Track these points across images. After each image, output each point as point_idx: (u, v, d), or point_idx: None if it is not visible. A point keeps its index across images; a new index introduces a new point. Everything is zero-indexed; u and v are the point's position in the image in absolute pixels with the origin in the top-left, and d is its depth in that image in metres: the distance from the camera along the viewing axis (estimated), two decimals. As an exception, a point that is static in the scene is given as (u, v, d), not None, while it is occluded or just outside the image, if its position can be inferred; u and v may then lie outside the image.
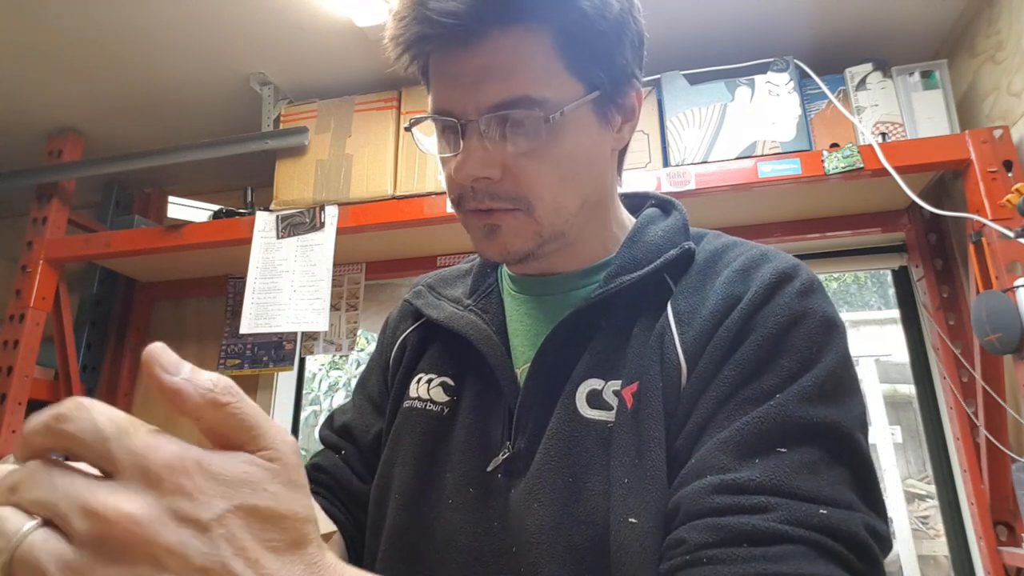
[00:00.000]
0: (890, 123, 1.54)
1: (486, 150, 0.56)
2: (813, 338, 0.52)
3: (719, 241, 0.63)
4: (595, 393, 0.57)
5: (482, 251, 0.62)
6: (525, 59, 0.55)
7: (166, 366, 0.28)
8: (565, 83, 0.57)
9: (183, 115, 1.97)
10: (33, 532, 0.25)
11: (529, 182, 0.57)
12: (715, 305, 0.54)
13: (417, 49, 0.57)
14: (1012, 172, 1.37)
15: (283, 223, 1.76)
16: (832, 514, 0.44)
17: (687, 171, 1.54)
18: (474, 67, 0.55)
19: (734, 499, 0.45)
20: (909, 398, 4.18)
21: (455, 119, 0.57)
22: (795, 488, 0.45)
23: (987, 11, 1.52)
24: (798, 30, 1.65)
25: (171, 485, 0.26)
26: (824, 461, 0.47)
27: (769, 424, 0.48)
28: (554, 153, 0.57)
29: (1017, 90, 1.42)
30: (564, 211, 0.60)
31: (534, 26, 0.55)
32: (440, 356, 0.68)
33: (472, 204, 0.59)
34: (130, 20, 1.58)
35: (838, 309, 0.56)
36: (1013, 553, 1.41)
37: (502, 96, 0.55)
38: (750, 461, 0.47)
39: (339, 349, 1.98)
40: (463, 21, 0.53)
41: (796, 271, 0.56)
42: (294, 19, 1.60)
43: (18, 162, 2.02)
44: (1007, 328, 1.25)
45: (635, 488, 0.50)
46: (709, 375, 0.52)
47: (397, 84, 1.81)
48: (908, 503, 3.84)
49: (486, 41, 0.55)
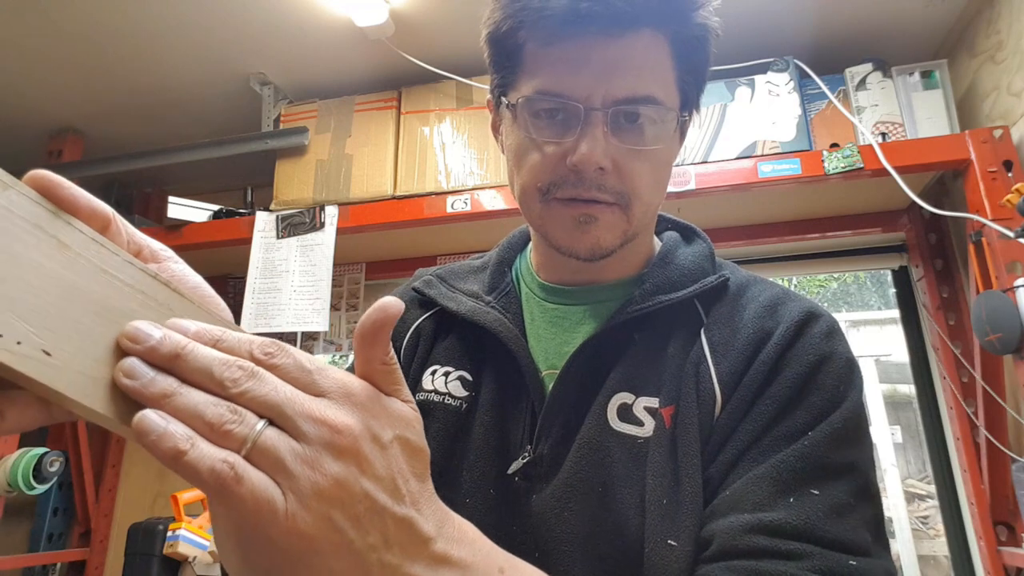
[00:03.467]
0: (890, 123, 1.54)
1: (608, 140, 0.57)
2: (840, 378, 0.55)
3: (741, 274, 0.65)
4: (625, 407, 0.58)
5: (569, 244, 0.60)
6: (655, 61, 0.57)
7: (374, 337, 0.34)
8: (674, 93, 0.59)
9: (183, 115, 1.97)
10: (267, 428, 0.30)
11: (634, 180, 0.58)
12: (747, 338, 0.57)
13: (560, 28, 0.55)
14: (1012, 172, 1.37)
15: (283, 223, 1.76)
16: (860, 565, 0.48)
17: (687, 171, 1.54)
18: (608, 58, 0.56)
19: (771, 542, 0.48)
20: (909, 398, 4.18)
21: (579, 104, 0.57)
22: (826, 533, 0.48)
23: (987, 11, 1.52)
24: (798, 30, 1.65)
25: (366, 410, 0.32)
26: (849, 504, 0.51)
27: (803, 463, 0.51)
28: (659, 156, 0.59)
29: (1017, 90, 1.42)
30: (649, 214, 0.62)
31: (662, 31, 0.57)
32: (455, 349, 0.67)
33: (571, 191, 0.58)
34: (130, 20, 1.58)
35: (838, 310, 0.57)
36: (1013, 553, 1.41)
37: (634, 92, 0.56)
38: (785, 500, 0.50)
39: (339, 349, 1.98)
40: (633, 9, 0.54)
41: (819, 312, 0.59)
42: (294, 19, 1.60)
43: (18, 162, 2.02)
44: (1007, 328, 1.25)
45: (673, 511, 0.52)
46: (744, 408, 0.54)
47: (397, 84, 1.81)
48: (908, 503, 3.84)
49: (626, 35, 0.55)
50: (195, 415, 0.30)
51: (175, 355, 0.31)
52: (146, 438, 0.29)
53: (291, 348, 0.33)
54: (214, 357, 0.32)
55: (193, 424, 0.30)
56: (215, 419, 0.30)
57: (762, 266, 1.92)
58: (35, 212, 0.32)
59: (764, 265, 1.92)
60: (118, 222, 0.38)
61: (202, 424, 0.30)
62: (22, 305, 0.30)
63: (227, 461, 0.29)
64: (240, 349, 0.33)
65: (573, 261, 0.61)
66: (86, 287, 0.32)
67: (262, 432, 0.30)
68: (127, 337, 0.31)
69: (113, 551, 2.04)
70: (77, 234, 0.34)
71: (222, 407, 0.30)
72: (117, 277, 0.34)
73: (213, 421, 0.30)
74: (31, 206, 0.32)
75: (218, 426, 0.30)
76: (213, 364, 0.31)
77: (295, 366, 0.32)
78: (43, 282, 0.31)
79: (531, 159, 0.60)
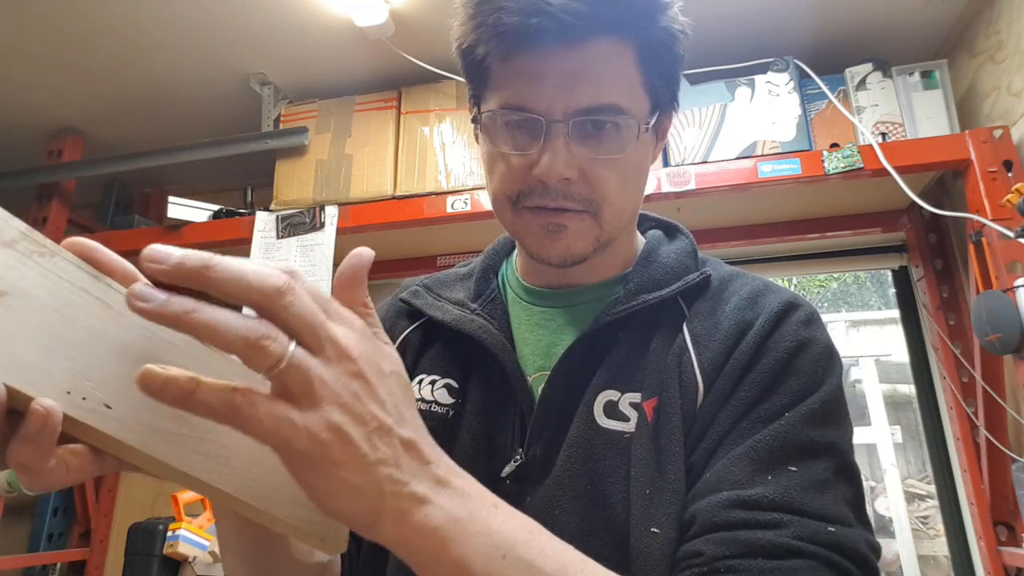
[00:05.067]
0: (890, 123, 1.54)
1: (570, 151, 0.57)
2: (818, 363, 0.56)
3: (723, 270, 0.66)
4: (612, 404, 0.58)
5: (540, 251, 0.61)
6: (615, 68, 0.57)
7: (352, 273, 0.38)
8: (641, 97, 0.60)
9: (183, 115, 1.97)
10: (293, 347, 0.32)
11: (601, 187, 0.59)
12: (728, 329, 0.58)
13: (515, 42, 0.56)
14: (1012, 172, 1.38)
15: (283, 223, 1.76)
16: (839, 532, 0.48)
17: (687, 171, 1.54)
18: (566, 69, 0.56)
19: (749, 514, 0.48)
20: (909, 398, 4.18)
21: (540, 117, 0.57)
22: (804, 506, 0.49)
23: (987, 11, 1.52)
24: (798, 30, 1.65)
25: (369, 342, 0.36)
26: (828, 480, 0.51)
27: (780, 442, 0.52)
28: (627, 162, 0.60)
29: (1017, 90, 1.42)
30: (623, 219, 0.62)
31: (625, 38, 0.57)
32: (442, 357, 0.67)
33: (539, 201, 0.59)
34: (130, 20, 1.58)
35: (838, 310, 0.58)
36: (1013, 553, 1.41)
37: (595, 101, 0.56)
38: (763, 477, 0.50)
39: (339, 349, 1.98)
40: (582, 21, 0.54)
41: (798, 302, 0.60)
42: (294, 19, 1.60)
43: (18, 162, 2.02)
44: (1007, 328, 1.25)
45: (656, 499, 0.53)
46: (725, 395, 0.55)
47: (397, 84, 1.81)
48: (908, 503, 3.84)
49: (585, 45, 0.56)
50: (227, 329, 0.30)
51: (204, 266, 0.30)
52: (149, 384, 0.30)
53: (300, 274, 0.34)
54: (248, 267, 0.31)
55: (224, 338, 0.30)
56: (252, 334, 0.31)
57: (762, 266, 1.92)
58: (79, 276, 0.35)
59: (764, 265, 1.92)
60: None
61: (236, 338, 0.30)
62: (82, 364, 0.33)
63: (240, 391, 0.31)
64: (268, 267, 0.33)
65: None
66: (132, 343, 0.36)
67: (293, 353, 0.32)
68: (147, 259, 0.30)
69: (113, 551, 2.04)
70: (117, 295, 0.36)
71: (257, 322, 0.31)
72: (156, 333, 0.37)
73: (249, 336, 0.30)
74: (75, 271, 0.35)
75: (254, 340, 0.30)
76: (249, 274, 0.31)
77: (312, 291, 0.34)
78: (96, 341, 0.34)
79: (500, 169, 0.61)
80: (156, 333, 0.37)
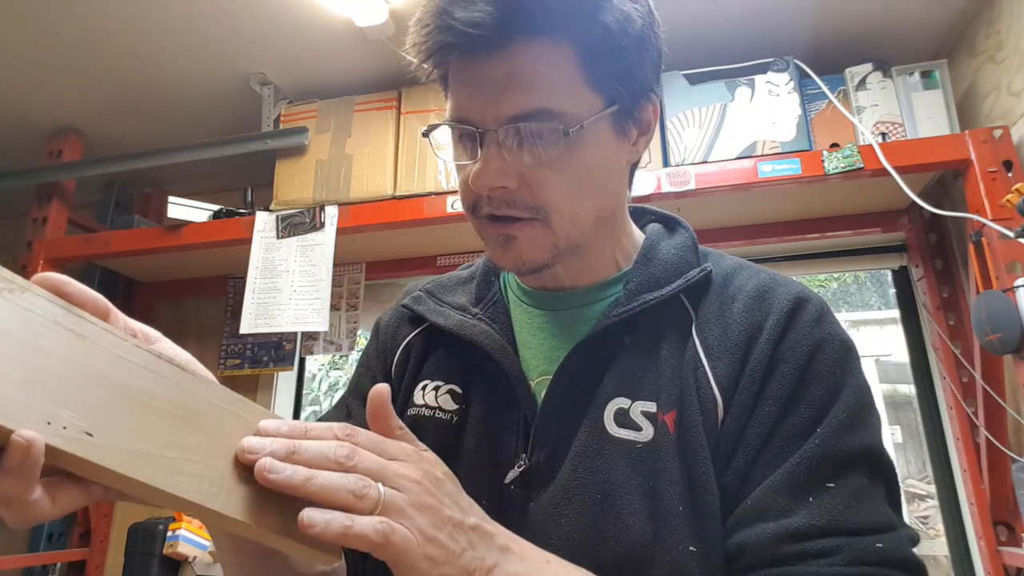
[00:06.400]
0: (890, 123, 1.54)
1: (504, 160, 0.56)
2: (836, 363, 0.56)
3: (726, 263, 0.65)
4: (622, 412, 0.57)
5: (497, 260, 0.62)
6: (546, 71, 0.56)
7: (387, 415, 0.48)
8: (585, 96, 0.57)
9: (183, 115, 1.97)
10: (382, 488, 0.42)
11: (545, 193, 0.57)
12: (739, 336, 0.58)
13: (439, 58, 0.57)
14: (1012, 172, 1.37)
15: (283, 223, 1.76)
16: (886, 545, 0.50)
17: (687, 171, 1.54)
18: (494, 77, 0.55)
19: (799, 546, 0.49)
20: (909, 398, 4.18)
21: (474, 127, 0.57)
22: (850, 524, 0.50)
23: (987, 11, 1.52)
24: (798, 30, 1.65)
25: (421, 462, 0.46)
26: (865, 485, 0.52)
27: (817, 462, 0.52)
28: (572, 165, 0.58)
29: (1017, 90, 1.42)
30: (580, 223, 0.60)
31: (557, 39, 0.55)
32: (445, 363, 0.67)
33: (487, 209, 0.59)
34: (130, 20, 1.58)
35: (838, 310, 0.57)
36: (1013, 553, 1.41)
37: (522, 107, 0.55)
38: (804, 500, 0.51)
39: (339, 349, 1.98)
40: (487, 32, 0.53)
41: (806, 295, 0.59)
42: (294, 19, 1.60)
43: (18, 162, 2.02)
44: (1007, 328, 1.25)
45: (692, 517, 0.53)
46: (747, 411, 0.55)
47: (397, 84, 1.81)
48: (908, 503, 3.84)
49: (509, 52, 0.55)
50: (339, 487, 0.40)
51: (291, 452, 0.41)
52: (313, 529, 0.38)
53: (358, 428, 0.45)
54: (323, 444, 0.42)
55: (340, 496, 0.40)
56: (356, 488, 0.40)
57: (762, 266, 1.92)
58: (52, 310, 0.36)
59: (764, 265, 1.91)
60: (115, 311, 0.43)
61: (346, 493, 0.40)
62: (59, 394, 0.34)
63: (382, 522, 0.40)
64: (325, 434, 0.43)
65: None
66: (108, 372, 0.37)
67: (385, 492, 0.41)
68: (247, 451, 0.41)
69: (113, 551, 2.04)
70: (90, 326, 0.38)
71: (353, 478, 0.41)
72: (130, 360, 0.38)
73: (355, 489, 0.40)
74: (48, 304, 0.36)
75: (359, 492, 0.40)
76: (325, 449, 0.42)
77: (369, 440, 0.45)
78: (72, 371, 0.35)
79: (460, 181, 0.62)
80: (130, 360, 0.38)
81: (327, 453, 0.41)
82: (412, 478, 0.43)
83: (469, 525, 0.45)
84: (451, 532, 0.43)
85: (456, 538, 0.43)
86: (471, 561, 0.44)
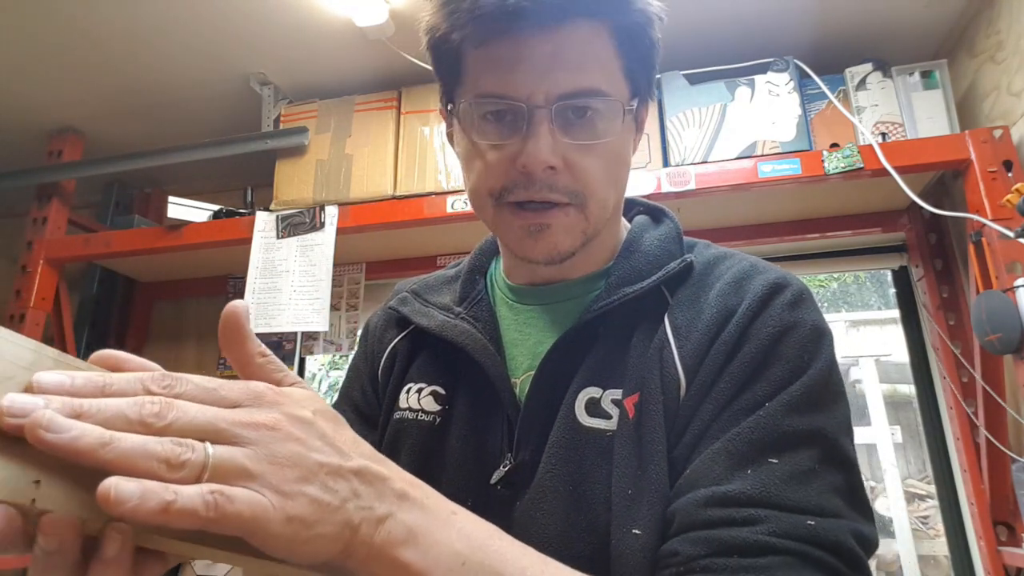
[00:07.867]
0: (890, 123, 1.54)
1: (555, 138, 0.55)
2: (803, 346, 0.53)
3: (710, 252, 0.64)
4: (593, 401, 0.56)
5: (524, 251, 0.60)
6: (595, 52, 0.55)
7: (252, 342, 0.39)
8: (621, 83, 0.58)
9: (183, 115, 1.97)
10: (210, 447, 0.32)
11: (585, 177, 0.57)
12: (710, 319, 0.55)
13: (488, 26, 0.54)
14: (1012, 172, 1.37)
15: (283, 223, 1.76)
16: (819, 524, 0.46)
17: (687, 171, 1.54)
18: (545, 53, 0.54)
19: (725, 512, 0.47)
20: (909, 398, 4.18)
21: (522, 103, 0.55)
22: (784, 499, 0.47)
23: (987, 11, 1.52)
24: (798, 30, 1.64)
25: (278, 402, 0.36)
26: (812, 469, 0.49)
27: (760, 434, 0.49)
28: (609, 150, 0.58)
29: (1017, 90, 1.42)
30: (608, 209, 0.60)
31: (596, 23, 0.55)
32: (430, 364, 0.66)
33: (523, 195, 0.57)
34: (131, 20, 1.58)
35: (838, 310, 0.56)
36: (1013, 553, 1.41)
37: (577, 85, 0.55)
38: (742, 472, 0.48)
39: (339, 349, 1.98)
40: (561, 4, 0.53)
41: (786, 281, 0.57)
42: (294, 19, 1.60)
43: (18, 162, 2.02)
44: (1007, 328, 1.25)
45: (638, 499, 0.51)
46: (706, 388, 0.53)
47: (397, 84, 1.81)
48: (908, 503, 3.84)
49: (561, 29, 0.54)
50: (145, 454, 0.30)
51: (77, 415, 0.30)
52: (124, 506, 0.28)
53: (181, 374, 0.35)
54: (123, 401, 0.32)
55: (148, 466, 0.30)
56: (169, 454, 0.31)
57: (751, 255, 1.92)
58: None
59: (764, 265, 1.92)
60: None
61: (157, 463, 0.30)
62: None
63: (212, 491, 0.31)
64: (133, 388, 0.33)
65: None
66: None
67: (213, 452, 0.32)
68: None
69: (113, 551, 2.04)
70: None
71: (166, 442, 0.31)
72: None
73: (168, 456, 0.31)
74: None
75: (174, 459, 0.31)
76: (126, 408, 0.32)
77: (198, 388, 0.35)
78: None
79: (480, 164, 0.58)
80: None
81: (128, 413, 0.31)
82: (263, 424, 0.34)
83: (350, 469, 0.36)
84: (324, 481, 0.34)
85: (332, 488, 0.35)
86: (354, 513, 0.35)
